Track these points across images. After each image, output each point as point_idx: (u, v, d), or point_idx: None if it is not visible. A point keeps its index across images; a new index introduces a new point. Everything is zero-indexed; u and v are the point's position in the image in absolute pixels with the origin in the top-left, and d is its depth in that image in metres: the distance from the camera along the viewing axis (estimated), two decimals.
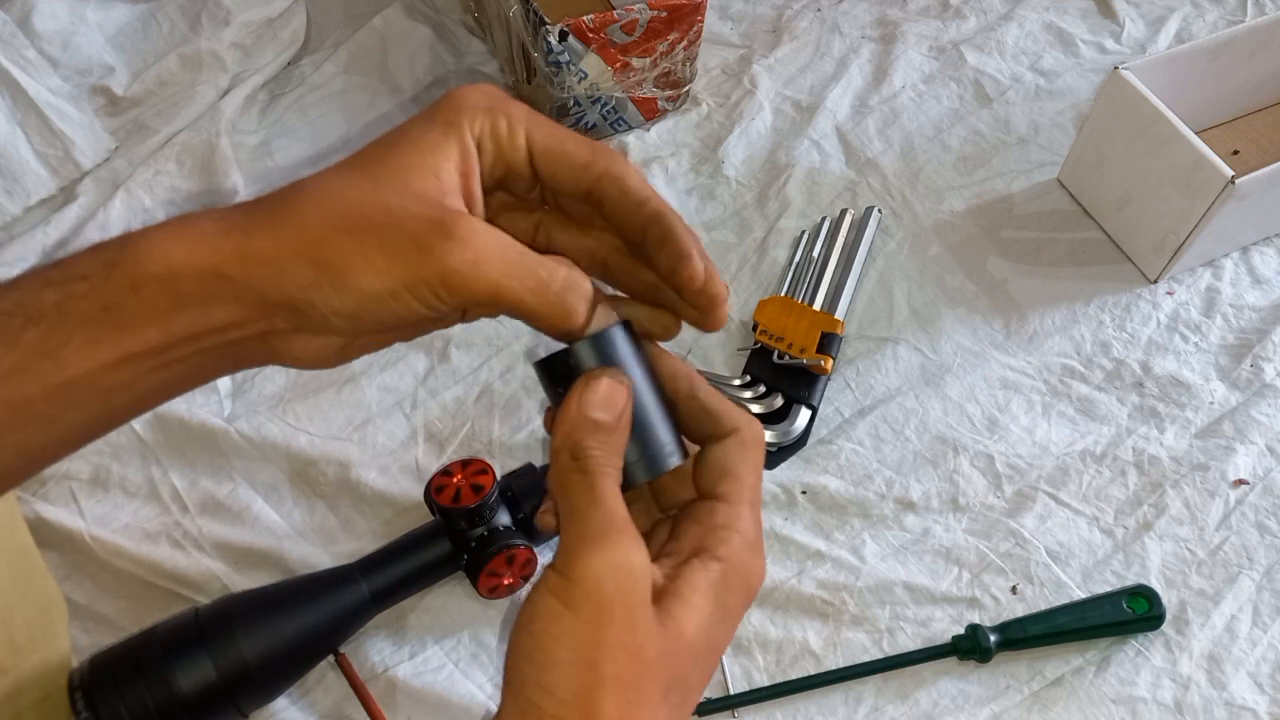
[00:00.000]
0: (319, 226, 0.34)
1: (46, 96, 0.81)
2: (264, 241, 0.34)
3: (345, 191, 0.35)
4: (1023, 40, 0.94)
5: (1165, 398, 0.72)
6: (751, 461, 0.38)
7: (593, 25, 0.77)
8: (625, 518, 0.35)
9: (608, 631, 0.33)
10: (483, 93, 0.36)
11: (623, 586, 0.33)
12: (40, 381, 0.34)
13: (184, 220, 0.35)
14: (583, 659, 0.33)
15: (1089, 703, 0.60)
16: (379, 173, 0.35)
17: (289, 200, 0.35)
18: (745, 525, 0.37)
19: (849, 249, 0.78)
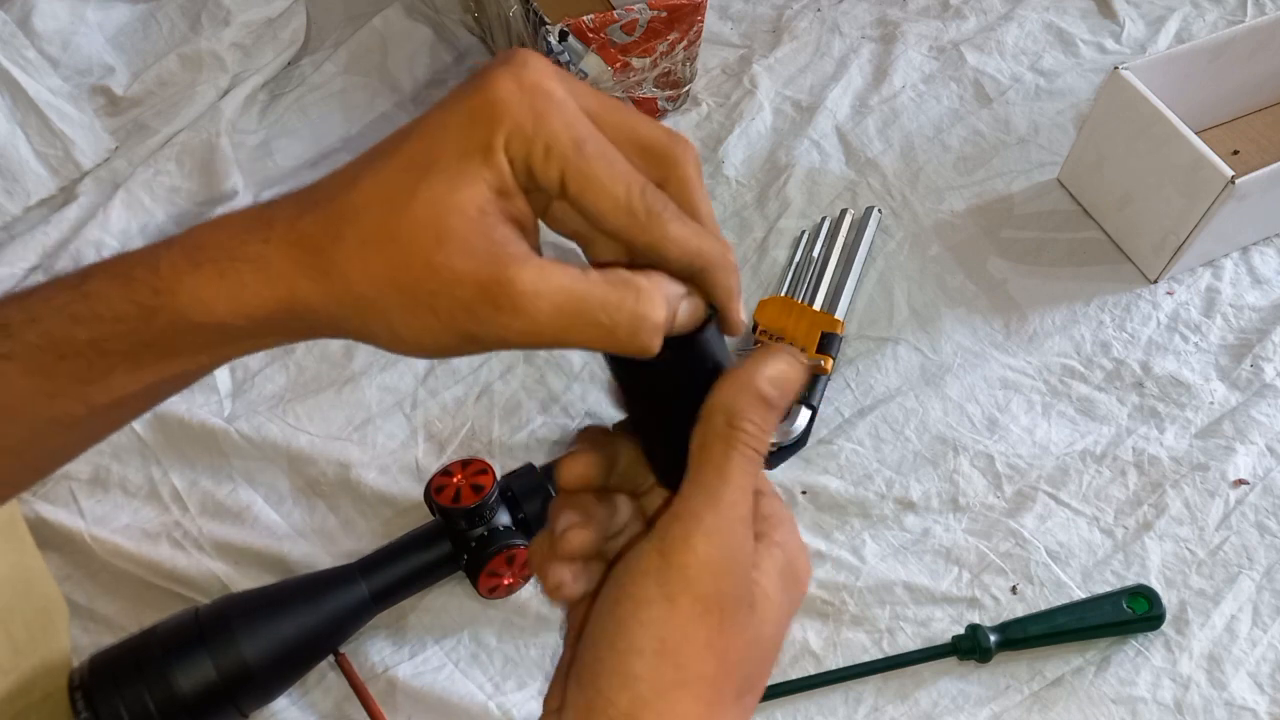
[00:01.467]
0: (364, 285, 0.32)
1: (46, 96, 0.81)
2: (309, 288, 0.32)
3: (387, 246, 0.32)
4: (1023, 40, 0.94)
5: (1165, 398, 0.72)
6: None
7: (593, 25, 0.77)
8: (747, 512, 0.32)
9: (700, 630, 0.31)
10: (519, 94, 0.31)
11: (726, 586, 0.31)
12: (86, 404, 0.34)
13: (219, 263, 0.32)
14: (670, 653, 0.31)
15: (1089, 703, 0.60)
16: (417, 220, 0.31)
17: (331, 252, 0.32)
18: (788, 514, 0.36)
19: (849, 249, 0.78)
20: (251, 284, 0.32)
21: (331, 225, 0.32)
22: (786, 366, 0.33)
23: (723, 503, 0.31)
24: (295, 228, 0.32)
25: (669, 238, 0.32)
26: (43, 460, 0.36)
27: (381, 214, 0.32)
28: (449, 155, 0.32)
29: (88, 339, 0.34)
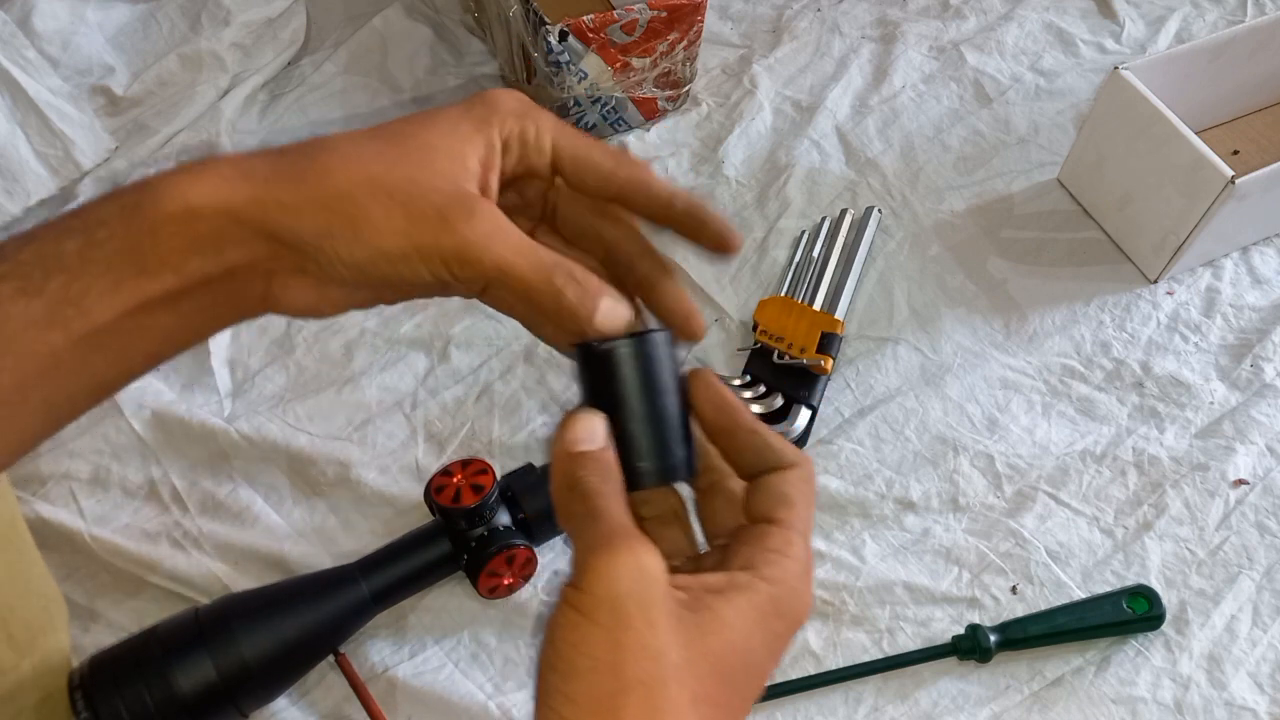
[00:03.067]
0: (344, 182, 0.35)
1: (46, 96, 0.81)
2: (284, 189, 0.35)
3: (373, 155, 0.36)
4: (1023, 40, 0.94)
5: (1165, 398, 0.72)
6: (808, 495, 0.39)
7: (593, 25, 0.77)
8: (630, 526, 0.35)
9: (626, 635, 0.33)
10: (516, 98, 0.38)
11: (635, 589, 0.34)
12: (65, 331, 0.35)
13: (204, 163, 0.35)
14: (604, 664, 0.33)
15: (1089, 703, 0.60)
16: (409, 146, 0.36)
17: (314, 154, 0.36)
18: (798, 552, 0.37)
19: (849, 249, 0.78)
20: (228, 175, 0.35)
21: (321, 143, 0.36)
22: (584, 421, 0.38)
23: (603, 532, 0.34)
24: (282, 150, 0.36)
25: (652, 181, 0.39)
26: (36, 418, 0.37)
27: (375, 141, 0.36)
28: (450, 118, 0.37)
29: (75, 249, 0.35)
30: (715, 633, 0.34)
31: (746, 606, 0.35)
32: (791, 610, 0.36)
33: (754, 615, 0.35)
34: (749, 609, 0.35)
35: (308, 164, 0.36)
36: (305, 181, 0.35)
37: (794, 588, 0.36)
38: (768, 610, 0.35)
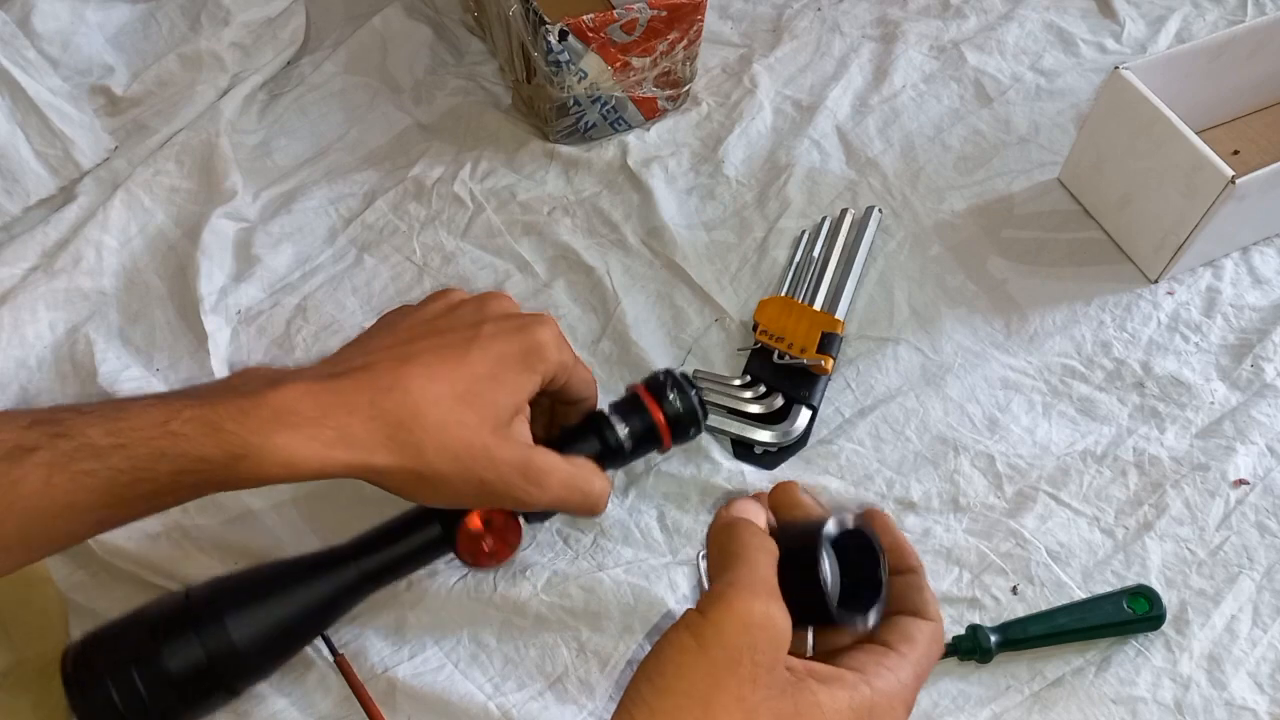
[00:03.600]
0: (439, 463, 0.45)
1: (46, 96, 0.81)
2: (388, 461, 0.44)
3: (459, 432, 0.45)
4: (1023, 40, 0.94)
5: (1166, 398, 0.72)
6: (933, 649, 0.41)
7: (593, 25, 0.77)
8: (774, 585, 0.37)
9: (729, 679, 0.34)
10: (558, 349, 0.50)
11: (755, 640, 0.35)
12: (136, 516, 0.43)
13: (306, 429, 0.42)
14: (698, 695, 0.34)
15: (1089, 703, 0.60)
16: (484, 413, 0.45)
17: (412, 431, 0.44)
18: (905, 678, 0.38)
19: (849, 249, 0.78)
20: (336, 449, 0.42)
21: (409, 410, 0.43)
22: (743, 503, 0.42)
23: (750, 576, 0.37)
24: (377, 406, 0.43)
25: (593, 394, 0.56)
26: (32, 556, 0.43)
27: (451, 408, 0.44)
28: (515, 376, 0.48)
29: (170, 472, 0.41)
30: (807, 714, 0.35)
31: (845, 702, 0.36)
32: (893, 715, 0.37)
33: (849, 713, 0.36)
34: (846, 705, 0.36)
35: (412, 430, 0.43)
36: (405, 453, 0.44)
37: (893, 706, 0.37)
38: (863, 714, 0.36)
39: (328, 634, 0.62)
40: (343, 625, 0.63)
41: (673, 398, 0.57)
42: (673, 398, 0.57)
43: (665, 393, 0.58)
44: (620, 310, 0.76)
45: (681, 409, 0.58)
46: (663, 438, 0.58)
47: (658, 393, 0.58)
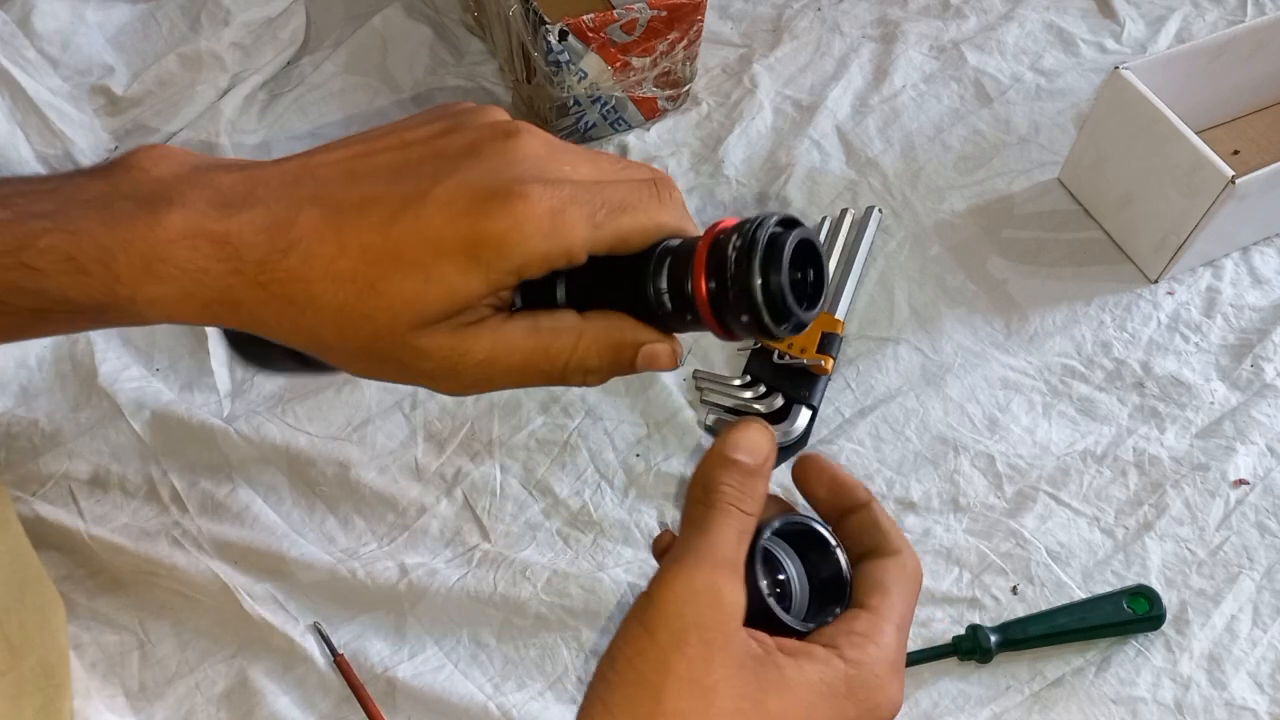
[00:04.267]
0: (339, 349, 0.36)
1: (46, 96, 0.81)
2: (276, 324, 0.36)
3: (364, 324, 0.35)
4: (1023, 40, 0.94)
5: (1166, 398, 0.72)
6: (906, 586, 0.37)
7: (593, 25, 0.77)
8: (730, 556, 0.33)
9: (678, 661, 0.32)
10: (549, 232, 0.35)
11: (703, 617, 0.32)
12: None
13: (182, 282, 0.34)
14: (648, 685, 0.32)
15: (1089, 703, 0.60)
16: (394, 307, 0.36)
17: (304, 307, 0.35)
18: (886, 640, 0.35)
19: (849, 249, 0.78)
20: (215, 303, 0.35)
21: (306, 287, 0.34)
22: (755, 434, 0.37)
23: (699, 549, 0.33)
24: (267, 269, 0.34)
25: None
26: None
27: (360, 293, 0.34)
28: (440, 265, 0.34)
29: (30, 307, 0.35)
30: (775, 693, 0.32)
31: (816, 678, 0.33)
32: (869, 697, 0.34)
33: (822, 689, 0.33)
34: (818, 681, 0.33)
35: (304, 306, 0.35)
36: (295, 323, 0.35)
37: (876, 674, 0.34)
38: (839, 689, 0.33)
39: (327, 634, 0.62)
40: (342, 625, 0.63)
41: (733, 256, 0.35)
42: (733, 256, 0.35)
43: (726, 247, 0.35)
44: None
45: (738, 283, 0.35)
46: (702, 315, 0.36)
47: (718, 245, 0.35)
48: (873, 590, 0.36)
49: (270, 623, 0.62)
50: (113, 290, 0.34)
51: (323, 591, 0.64)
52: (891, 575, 0.37)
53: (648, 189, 0.36)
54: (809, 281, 0.37)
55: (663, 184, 0.37)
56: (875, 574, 0.37)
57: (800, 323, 0.36)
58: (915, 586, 0.38)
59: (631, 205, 0.36)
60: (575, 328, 0.37)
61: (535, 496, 0.68)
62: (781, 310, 0.35)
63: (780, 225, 0.35)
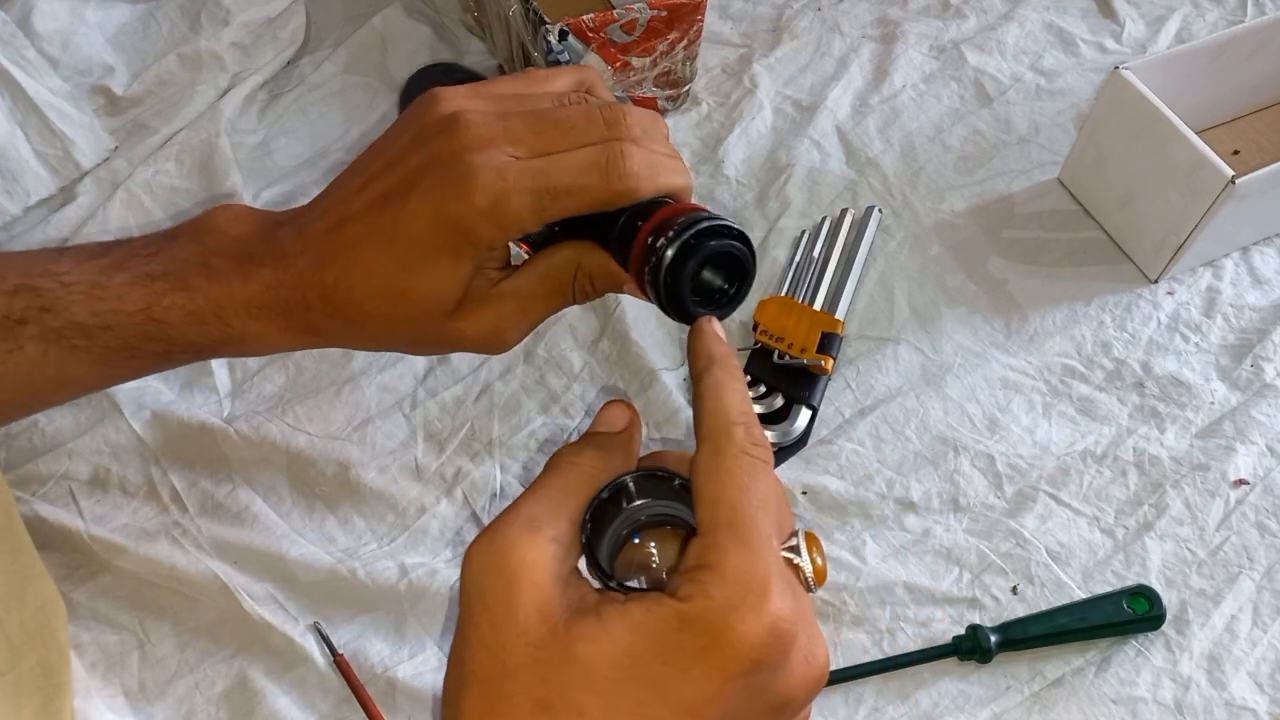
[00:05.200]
0: (395, 345, 0.47)
1: (46, 96, 0.81)
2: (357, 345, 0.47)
3: (406, 328, 0.44)
4: (1023, 40, 0.94)
5: (1166, 398, 0.72)
6: (726, 473, 0.32)
7: (593, 24, 0.77)
8: (534, 513, 0.32)
9: (470, 630, 0.31)
10: (499, 209, 0.40)
11: (486, 582, 0.31)
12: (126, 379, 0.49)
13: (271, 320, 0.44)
14: (455, 656, 0.31)
15: (1089, 703, 0.60)
16: (425, 305, 0.43)
17: (363, 321, 0.44)
18: (726, 563, 0.30)
19: (849, 249, 0.78)
20: (306, 336, 0.45)
21: (358, 308, 0.43)
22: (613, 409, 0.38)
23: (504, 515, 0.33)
24: (330, 303, 0.43)
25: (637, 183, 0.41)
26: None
27: (395, 304, 0.42)
28: (436, 263, 0.41)
29: (160, 351, 0.44)
30: (590, 640, 0.30)
31: (642, 618, 0.30)
32: (712, 628, 0.29)
33: (650, 627, 0.29)
34: (645, 621, 0.30)
35: (360, 329, 0.44)
36: (367, 340, 0.45)
37: (722, 602, 0.29)
38: (671, 625, 0.29)
39: (327, 634, 0.62)
40: (342, 625, 0.63)
41: (661, 244, 0.37)
42: (661, 244, 0.37)
43: (661, 235, 0.38)
44: (620, 310, 0.76)
45: (652, 284, 0.38)
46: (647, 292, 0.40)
47: (658, 230, 0.38)
48: (699, 503, 0.32)
49: (270, 623, 0.62)
50: (226, 333, 0.44)
51: (323, 591, 0.64)
52: (701, 471, 0.32)
53: (595, 171, 0.39)
54: (721, 288, 0.40)
55: (612, 163, 0.39)
56: (696, 480, 0.32)
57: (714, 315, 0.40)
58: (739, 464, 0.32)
59: (577, 187, 0.39)
60: (573, 259, 0.43)
61: None
62: (684, 313, 0.39)
63: (698, 236, 0.37)
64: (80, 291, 0.43)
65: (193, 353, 0.46)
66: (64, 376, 0.45)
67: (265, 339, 0.45)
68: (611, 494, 0.35)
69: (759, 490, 0.32)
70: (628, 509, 0.36)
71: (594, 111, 0.41)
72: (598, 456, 0.35)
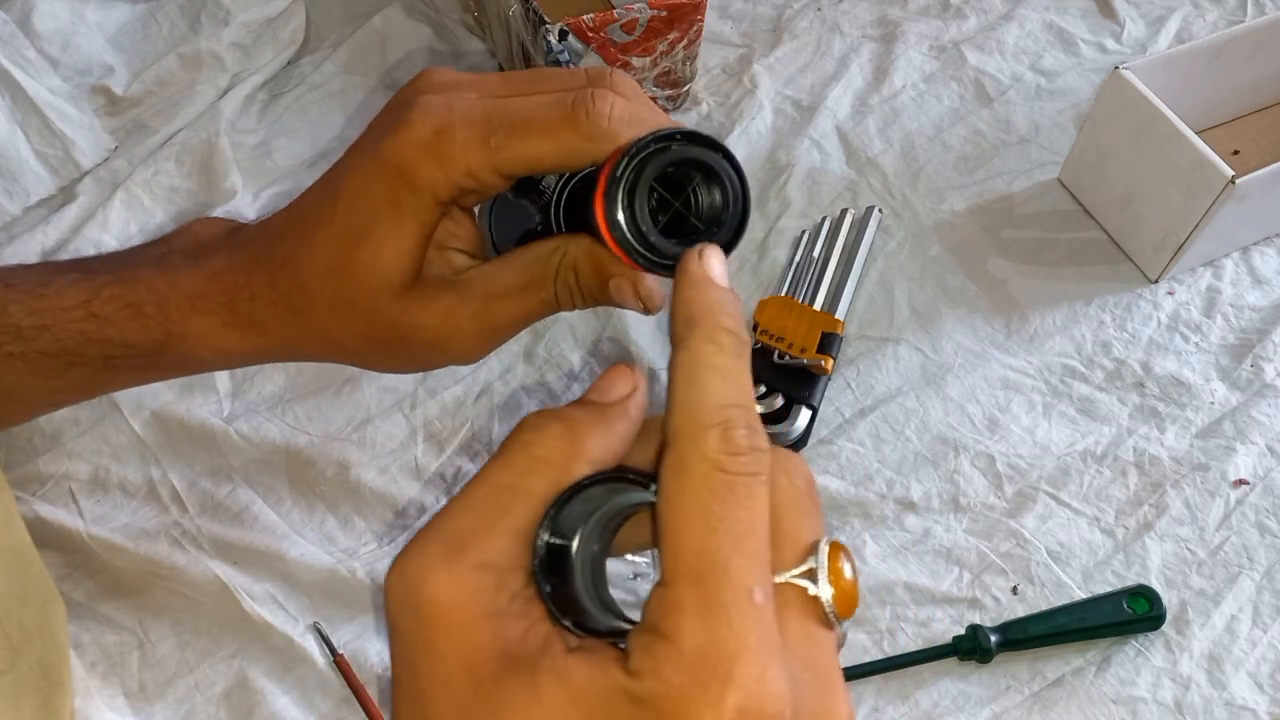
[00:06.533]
0: (348, 342, 0.39)
1: (46, 96, 0.81)
2: (304, 344, 0.40)
3: (351, 310, 0.38)
4: (1023, 40, 0.94)
5: (1166, 398, 0.72)
6: (692, 500, 0.24)
7: (593, 25, 0.77)
8: (458, 530, 0.25)
9: (394, 666, 0.25)
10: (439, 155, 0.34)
11: (402, 622, 0.25)
12: (88, 395, 0.43)
13: (220, 314, 0.39)
14: (392, 691, 0.26)
15: (1089, 703, 0.60)
16: (369, 284, 0.37)
17: (309, 315, 0.39)
18: (688, 632, 0.23)
19: (849, 249, 0.78)
20: (251, 333, 0.39)
21: (301, 291, 0.38)
22: (614, 373, 0.29)
23: (427, 528, 0.27)
24: (275, 288, 0.38)
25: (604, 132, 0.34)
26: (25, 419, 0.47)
27: (338, 284, 0.37)
28: (376, 223, 0.36)
29: (99, 355, 0.40)
30: (520, 708, 0.23)
31: (585, 687, 0.23)
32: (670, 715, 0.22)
33: (593, 702, 0.23)
34: (587, 692, 0.23)
35: (309, 314, 0.39)
36: (314, 336, 0.39)
37: (679, 690, 0.22)
38: (618, 704, 0.23)
39: (327, 634, 0.62)
40: (342, 625, 0.63)
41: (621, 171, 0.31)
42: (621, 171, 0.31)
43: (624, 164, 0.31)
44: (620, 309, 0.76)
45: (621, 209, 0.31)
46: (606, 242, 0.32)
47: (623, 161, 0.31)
48: (660, 538, 0.24)
49: (270, 623, 0.62)
50: (166, 329, 0.39)
51: (323, 591, 0.64)
52: (665, 497, 0.24)
53: (556, 108, 0.33)
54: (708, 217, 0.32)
55: (580, 102, 0.32)
56: (658, 503, 0.25)
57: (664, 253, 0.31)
58: (713, 499, 0.23)
59: (534, 125, 0.33)
60: (559, 248, 0.36)
61: None
62: (663, 256, 0.31)
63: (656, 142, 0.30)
64: (23, 291, 0.40)
65: (134, 359, 0.40)
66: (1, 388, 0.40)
67: (208, 338, 0.39)
68: (570, 498, 0.26)
69: (737, 521, 0.24)
70: (593, 514, 0.27)
71: (579, 70, 0.36)
72: (568, 438, 0.26)
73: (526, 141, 0.33)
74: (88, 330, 0.39)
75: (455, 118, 0.34)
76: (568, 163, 0.33)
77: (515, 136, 0.33)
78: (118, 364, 0.40)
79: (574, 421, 0.27)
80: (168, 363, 0.41)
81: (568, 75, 0.35)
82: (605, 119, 0.32)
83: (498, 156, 0.33)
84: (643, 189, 0.31)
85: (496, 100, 0.34)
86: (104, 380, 0.41)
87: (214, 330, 0.39)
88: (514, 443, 0.26)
